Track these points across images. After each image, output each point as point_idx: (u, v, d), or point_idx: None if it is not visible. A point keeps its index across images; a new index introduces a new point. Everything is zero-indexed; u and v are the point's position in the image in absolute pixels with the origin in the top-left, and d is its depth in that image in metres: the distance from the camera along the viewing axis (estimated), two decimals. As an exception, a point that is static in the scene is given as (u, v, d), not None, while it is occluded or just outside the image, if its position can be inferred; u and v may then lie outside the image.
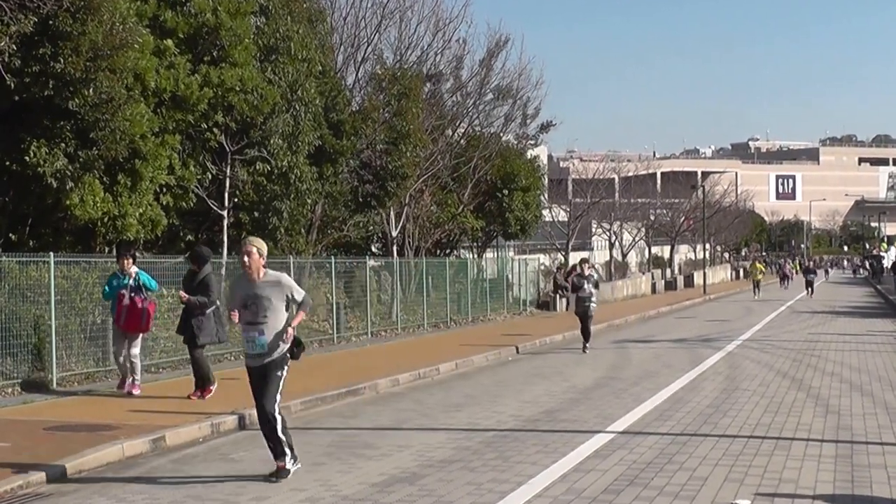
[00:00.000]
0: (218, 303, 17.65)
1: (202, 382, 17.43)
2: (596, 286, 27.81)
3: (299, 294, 11.35)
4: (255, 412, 15.55)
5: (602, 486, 10.72)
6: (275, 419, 11.10)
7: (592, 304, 27.18)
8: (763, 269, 68.65)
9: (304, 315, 11.69)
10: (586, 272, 27.49)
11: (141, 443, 13.15)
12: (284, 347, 11.22)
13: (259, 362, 11.24)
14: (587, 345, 27.08)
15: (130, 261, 17.77)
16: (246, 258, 11.23)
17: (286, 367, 11.31)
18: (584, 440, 13.39)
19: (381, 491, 10.66)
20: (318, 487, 10.87)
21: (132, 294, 17.51)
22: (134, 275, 17.62)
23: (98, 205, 20.75)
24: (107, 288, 17.87)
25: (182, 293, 17.31)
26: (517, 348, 27.63)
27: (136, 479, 11.52)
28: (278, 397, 11.22)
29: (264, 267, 11.34)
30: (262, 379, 11.24)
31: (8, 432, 13.79)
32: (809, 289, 63.82)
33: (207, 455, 13.00)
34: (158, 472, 11.89)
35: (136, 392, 17.62)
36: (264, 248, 11.46)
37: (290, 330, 11.18)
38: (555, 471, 11.43)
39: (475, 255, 47.52)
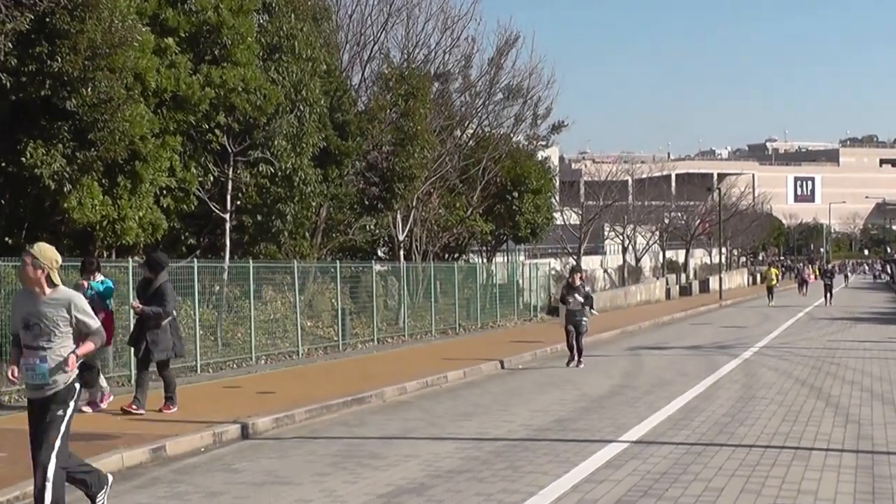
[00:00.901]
0: (174, 314, 16.94)
1: (141, 398, 16.47)
2: (587, 298, 25.84)
3: (92, 323, 9.44)
4: (259, 421, 15.67)
5: (615, 497, 10.71)
6: (45, 477, 9.01)
7: (585, 319, 25.49)
8: (778, 274, 66.73)
9: (94, 347, 9.56)
10: (576, 282, 25.65)
11: (140, 452, 13.17)
12: (71, 377, 9.35)
13: (40, 394, 9.30)
14: (580, 359, 25.29)
15: (90, 275, 16.83)
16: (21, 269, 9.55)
17: (72, 405, 9.35)
18: (597, 450, 13.39)
19: (389, 502, 10.66)
20: (323, 498, 10.88)
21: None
22: (86, 285, 16.60)
23: (97, 208, 20.78)
24: None
25: (135, 303, 16.53)
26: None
27: None
28: (58, 444, 9.13)
29: (52, 283, 9.43)
30: (41, 417, 9.28)
31: (3, 442, 13.81)
32: (828, 294, 60.96)
33: (209, 465, 13.02)
34: (159, 483, 11.92)
35: (103, 405, 16.84)
36: (49, 257, 9.50)
37: (72, 358, 9.26)
38: (566, 481, 11.43)
39: (484, 260, 47.54)
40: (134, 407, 16.28)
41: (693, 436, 14.59)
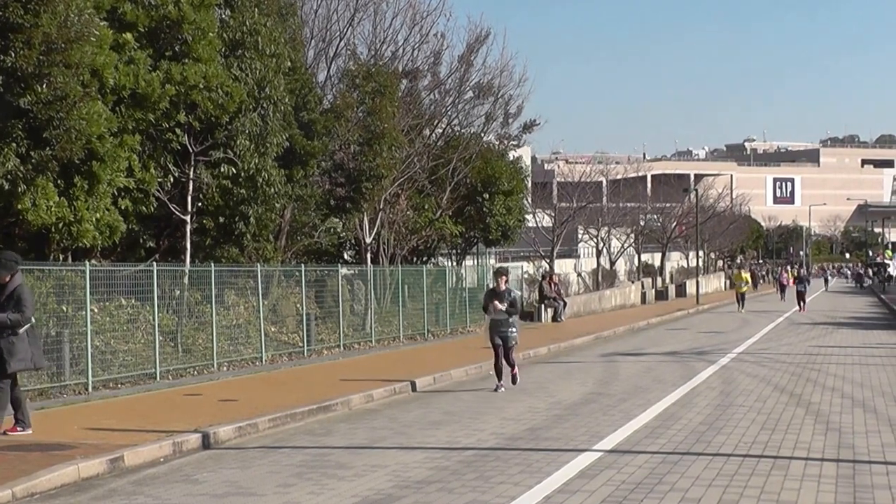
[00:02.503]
0: (33, 320, 15.78)
1: (16, 415, 15.44)
2: (513, 306, 22.26)
3: None
4: (220, 430, 15.64)
5: (589, 508, 10.75)
6: None
7: (512, 331, 22.13)
8: (748, 278, 64.01)
9: None
10: (501, 287, 22.22)
11: (98, 463, 13.11)
12: None
13: None
14: (513, 377, 22.34)
15: None
16: None
17: None
18: (570, 459, 13.41)
19: (355, 514, 10.66)
20: (287, 510, 10.87)
21: None
22: None
23: (52, 209, 20.69)
24: None
25: None
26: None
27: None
28: None
29: None
30: None
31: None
32: (801, 302, 58.32)
33: (169, 476, 12.98)
34: (116, 495, 11.87)
35: None
36: None
37: None
38: (538, 492, 11.44)
39: (454, 263, 47.54)
40: (19, 429, 15.22)
41: (669, 444, 14.64)
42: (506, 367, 22.29)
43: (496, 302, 22.05)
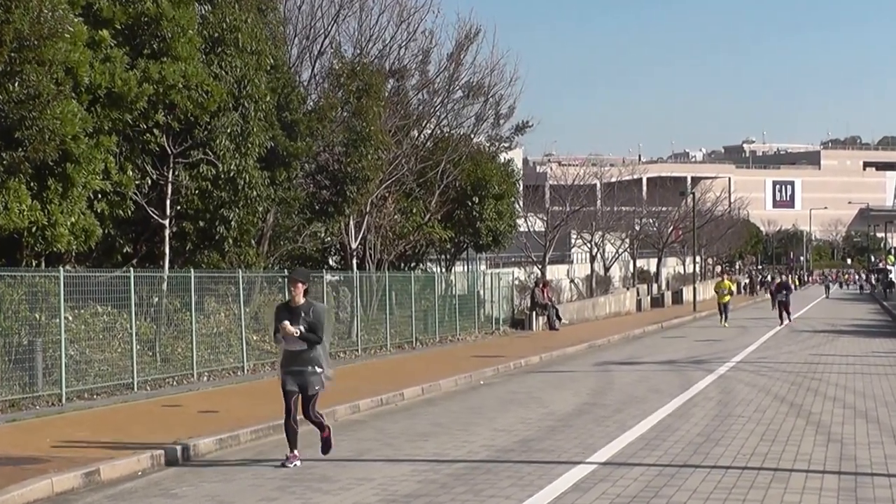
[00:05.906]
0: None
1: None
2: (314, 330, 14.42)
3: None
4: (201, 442, 15.60)
5: (583, 522, 10.74)
6: None
7: (316, 369, 14.60)
8: (732, 287, 58.72)
9: None
10: (298, 300, 14.48)
11: (72, 477, 13.07)
12: None
13: None
14: (294, 453, 14.58)
15: None
16: None
17: None
18: (563, 472, 13.41)
19: (340, 529, 10.63)
20: (269, 525, 10.84)
21: None
22: None
23: (24, 213, 20.60)
24: None
25: None
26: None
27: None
28: None
29: None
30: None
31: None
32: (784, 314, 52.10)
33: (147, 490, 12.94)
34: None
35: None
36: None
37: None
38: (531, 506, 11.44)
39: (443, 269, 47.51)
40: None
41: (666, 457, 14.64)
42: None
43: (286, 323, 14.30)
